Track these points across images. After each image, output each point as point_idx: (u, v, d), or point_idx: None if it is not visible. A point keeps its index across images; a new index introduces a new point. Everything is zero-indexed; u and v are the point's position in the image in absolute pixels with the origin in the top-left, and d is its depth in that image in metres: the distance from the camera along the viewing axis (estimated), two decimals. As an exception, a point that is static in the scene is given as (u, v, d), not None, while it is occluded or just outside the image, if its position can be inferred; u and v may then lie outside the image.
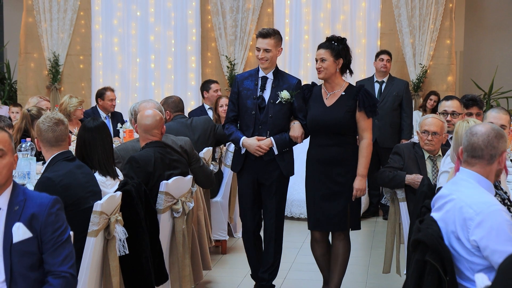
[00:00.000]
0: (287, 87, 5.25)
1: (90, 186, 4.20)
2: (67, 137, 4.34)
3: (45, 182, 4.03)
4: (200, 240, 5.61)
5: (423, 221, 3.33)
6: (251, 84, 5.33)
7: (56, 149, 4.24)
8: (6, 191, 3.11)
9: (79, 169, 4.22)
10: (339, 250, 5.18)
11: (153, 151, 4.92)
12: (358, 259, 6.78)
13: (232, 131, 5.35)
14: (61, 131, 4.27)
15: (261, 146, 5.19)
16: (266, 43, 5.20)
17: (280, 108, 5.25)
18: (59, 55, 10.58)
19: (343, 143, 5.12)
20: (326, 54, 5.07)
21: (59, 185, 3.99)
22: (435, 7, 9.90)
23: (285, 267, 6.04)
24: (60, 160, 4.19)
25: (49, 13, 10.56)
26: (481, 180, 3.28)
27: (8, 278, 3.03)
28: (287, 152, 5.31)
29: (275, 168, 5.29)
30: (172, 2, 10.52)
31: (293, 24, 10.32)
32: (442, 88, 9.87)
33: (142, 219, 4.36)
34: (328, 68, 5.08)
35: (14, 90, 11.52)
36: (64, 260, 3.07)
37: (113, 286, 4.05)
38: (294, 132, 5.24)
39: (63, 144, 4.28)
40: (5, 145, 3.09)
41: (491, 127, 3.31)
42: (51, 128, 4.24)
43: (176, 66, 10.58)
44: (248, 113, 5.30)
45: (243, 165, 5.34)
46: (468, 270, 3.17)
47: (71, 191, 4.03)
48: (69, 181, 4.07)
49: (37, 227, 3.06)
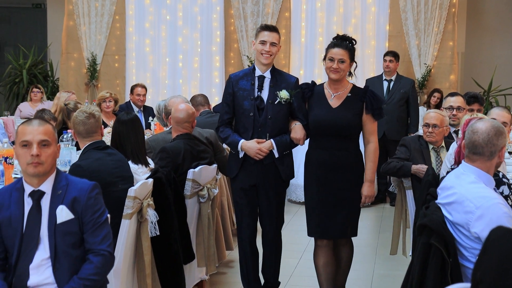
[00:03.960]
0: (285, 86, 4.56)
1: (119, 171, 4.20)
2: (99, 129, 4.34)
3: (75, 169, 4.04)
4: (223, 223, 5.62)
5: (428, 207, 3.32)
6: (247, 84, 4.59)
7: (87, 140, 4.27)
8: (50, 177, 3.12)
9: (109, 156, 4.22)
10: (343, 255, 4.64)
11: (183, 143, 4.92)
12: (367, 242, 6.77)
13: (228, 134, 4.63)
14: (91, 124, 4.28)
15: (261, 149, 4.51)
16: (273, 37, 4.53)
17: (279, 109, 4.55)
18: (96, 55, 10.63)
19: (348, 146, 4.48)
20: (345, 56, 4.41)
21: (87, 171, 3.99)
22: (439, 11, 9.86)
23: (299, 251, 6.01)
24: (91, 149, 4.21)
25: (87, 17, 10.61)
26: (482, 175, 3.26)
27: (53, 255, 3.05)
28: (287, 155, 4.64)
29: (274, 172, 4.60)
30: (199, 6, 10.53)
31: (308, 27, 10.28)
32: (445, 86, 9.84)
33: (171, 203, 4.37)
34: (345, 70, 4.45)
35: (56, 86, 11.58)
36: (103, 240, 3.09)
37: (145, 264, 4.06)
38: (296, 134, 4.54)
39: (95, 135, 4.29)
40: (49, 136, 3.11)
41: (491, 125, 3.27)
42: (82, 121, 4.27)
43: (201, 65, 10.59)
44: (245, 115, 4.58)
45: (240, 169, 4.64)
46: (469, 253, 3.15)
47: (99, 176, 4.03)
48: (97, 167, 4.07)
49: (78, 209, 3.08)
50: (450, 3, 9.88)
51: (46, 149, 3.08)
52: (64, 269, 3.04)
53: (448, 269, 3.06)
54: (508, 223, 3.02)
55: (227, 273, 5.69)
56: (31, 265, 3.04)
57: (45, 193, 3.10)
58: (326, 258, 4.56)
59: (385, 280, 5.70)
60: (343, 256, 4.63)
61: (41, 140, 3.07)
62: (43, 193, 3.10)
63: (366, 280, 5.66)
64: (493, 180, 3.35)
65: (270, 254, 4.75)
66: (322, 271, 4.56)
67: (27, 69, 12.04)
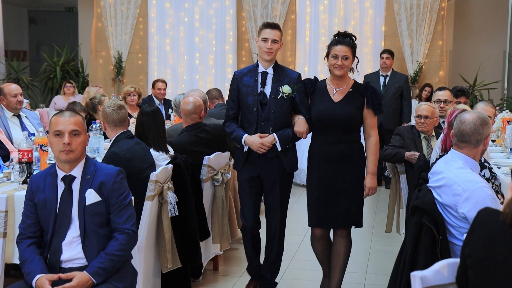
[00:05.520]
0: (287, 81, 4.25)
1: (147, 159, 4.21)
2: (127, 119, 4.35)
3: (112, 156, 4.04)
4: (236, 204, 5.60)
5: (420, 190, 3.30)
6: (250, 80, 4.29)
7: (119, 129, 4.26)
8: (80, 163, 3.11)
9: (137, 145, 4.23)
10: (341, 248, 4.29)
11: (188, 135, 4.88)
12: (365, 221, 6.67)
13: (234, 129, 4.33)
14: (123, 113, 4.29)
15: (263, 143, 4.22)
16: (275, 34, 4.23)
17: (282, 103, 4.24)
18: (122, 53, 10.61)
19: (350, 140, 4.19)
20: (349, 52, 4.14)
21: (123, 158, 4.00)
22: (430, 14, 9.80)
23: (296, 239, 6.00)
24: (123, 138, 4.21)
25: (114, 19, 10.59)
26: (468, 161, 3.24)
27: (82, 233, 3.04)
28: (290, 148, 4.33)
29: (278, 165, 4.30)
30: (214, 10, 10.49)
31: (312, 27, 10.22)
32: (435, 81, 9.79)
33: (189, 187, 4.36)
34: (348, 66, 4.16)
35: (86, 81, 11.60)
36: (127, 220, 3.07)
37: (165, 241, 4.06)
38: (300, 128, 4.23)
39: (125, 125, 4.30)
40: (80, 126, 3.10)
41: (477, 116, 3.24)
42: (116, 111, 4.25)
43: (216, 63, 10.55)
44: (249, 110, 4.28)
45: (245, 162, 4.34)
46: (457, 231, 3.14)
47: (132, 163, 4.04)
48: (131, 155, 4.08)
49: (105, 192, 3.07)
50: (440, 6, 9.84)
51: (76, 138, 3.07)
52: (92, 245, 3.03)
53: (437, 245, 3.05)
54: (492, 204, 2.99)
55: (239, 249, 5.68)
56: (63, 242, 3.04)
57: (76, 178, 3.09)
58: (323, 247, 4.34)
59: (381, 254, 5.69)
60: (341, 249, 4.28)
61: (72, 130, 3.06)
62: (74, 178, 3.09)
63: (364, 254, 5.66)
64: (479, 166, 3.34)
65: (271, 252, 4.47)
66: (321, 255, 4.37)
67: (60, 66, 12.06)
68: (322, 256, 4.37)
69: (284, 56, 10.27)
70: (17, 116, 6.02)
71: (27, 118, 6.13)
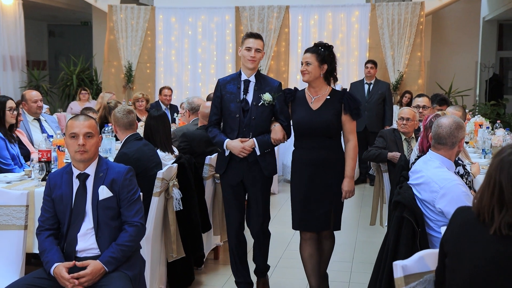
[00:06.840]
0: (269, 89, 4.02)
1: (154, 159, 4.20)
2: (136, 122, 4.34)
3: (122, 156, 4.02)
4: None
5: (401, 187, 3.30)
6: (233, 87, 4.05)
7: (129, 131, 4.24)
8: (94, 162, 3.10)
9: (146, 146, 4.21)
10: (325, 247, 4.12)
11: (201, 131, 4.96)
12: (351, 214, 6.73)
13: (216, 133, 4.08)
14: (132, 117, 4.28)
15: (244, 147, 3.98)
16: (258, 44, 4.00)
17: (262, 110, 4.00)
18: (132, 63, 10.60)
19: (330, 145, 3.92)
20: (311, 58, 3.88)
21: (132, 158, 3.98)
22: (409, 28, 9.82)
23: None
24: (132, 139, 4.19)
25: (125, 32, 10.59)
26: (445, 161, 3.24)
27: (96, 225, 3.03)
28: (268, 153, 4.06)
29: (259, 169, 4.04)
30: (215, 23, 10.49)
31: (303, 40, 10.22)
32: (414, 88, 9.79)
33: (192, 184, 4.35)
34: (312, 71, 3.88)
35: (99, 89, 11.58)
36: (136, 213, 3.07)
37: (171, 233, 4.05)
38: (276, 135, 3.99)
39: (133, 128, 4.28)
40: (93, 129, 3.09)
41: (453, 120, 3.27)
42: (125, 115, 4.24)
43: (217, 71, 10.55)
44: (232, 116, 4.03)
45: (227, 166, 4.08)
46: (434, 224, 3.13)
47: (140, 162, 4.02)
48: (139, 155, 4.06)
49: (116, 188, 3.06)
50: (418, 21, 9.85)
51: (90, 139, 3.06)
52: (105, 237, 3.02)
53: (417, 237, 3.04)
54: (466, 200, 3.00)
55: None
56: (78, 234, 3.02)
57: (90, 175, 3.08)
58: (311, 250, 4.05)
59: (365, 245, 5.67)
60: (325, 248, 4.12)
61: (86, 132, 3.05)
62: (87, 175, 3.08)
63: (350, 245, 5.64)
64: (454, 165, 3.35)
65: (258, 245, 4.21)
66: (308, 262, 4.07)
67: (76, 75, 12.04)
68: (309, 263, 4.06)
69: (278, 66, 10.27)
70: (37, 120, 6.01)
71: (46, 121, 6.12)
